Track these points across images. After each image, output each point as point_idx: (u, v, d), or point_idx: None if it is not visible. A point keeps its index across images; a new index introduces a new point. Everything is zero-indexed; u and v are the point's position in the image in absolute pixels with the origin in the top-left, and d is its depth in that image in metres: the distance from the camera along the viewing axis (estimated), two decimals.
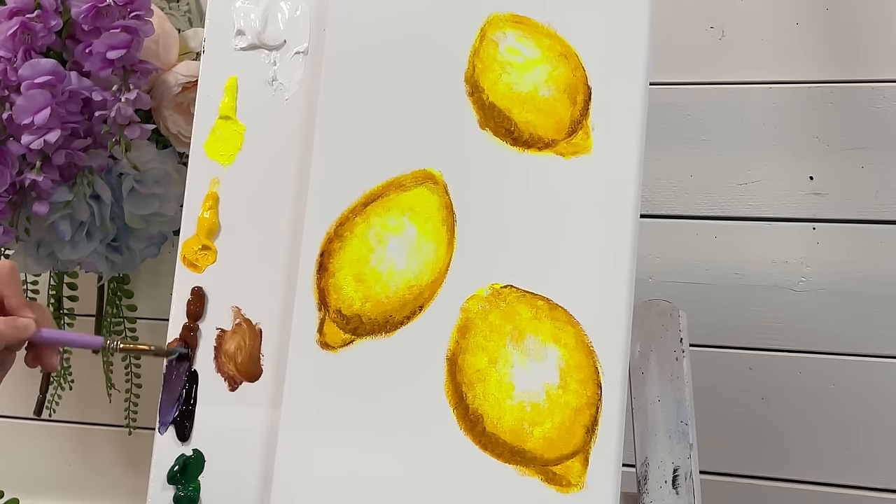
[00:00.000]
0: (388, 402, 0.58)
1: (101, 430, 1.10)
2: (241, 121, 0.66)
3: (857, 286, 0.87)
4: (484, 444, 0.56)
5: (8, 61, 0.71)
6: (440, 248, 0.59)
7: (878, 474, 0.89)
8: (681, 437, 0.64)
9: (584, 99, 0.57)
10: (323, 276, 0.61)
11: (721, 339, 0.90)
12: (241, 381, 0.64)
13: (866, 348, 0.87)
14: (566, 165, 0.57)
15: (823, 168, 0.87)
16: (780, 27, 0.87)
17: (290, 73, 0.66)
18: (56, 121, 0.71)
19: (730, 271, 0.90)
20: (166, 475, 0.65)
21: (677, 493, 0.63)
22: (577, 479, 0.54)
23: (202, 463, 0.64)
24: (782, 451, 0.91)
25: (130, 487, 1.11)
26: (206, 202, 0.67)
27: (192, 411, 0.65)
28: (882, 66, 0.85)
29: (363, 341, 0.59)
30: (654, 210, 0.91)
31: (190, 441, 0.65)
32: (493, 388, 0.56)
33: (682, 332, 0.66)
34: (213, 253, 0.66)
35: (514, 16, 0.59)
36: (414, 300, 0.59)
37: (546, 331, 0.56)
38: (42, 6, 0.71)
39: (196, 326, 0.66)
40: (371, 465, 0.58)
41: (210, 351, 0.66)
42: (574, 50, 0.58)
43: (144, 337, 0.97)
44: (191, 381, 0.66)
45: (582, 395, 0.55)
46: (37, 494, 1.11)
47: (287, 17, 0.67)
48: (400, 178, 0.60)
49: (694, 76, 0.89)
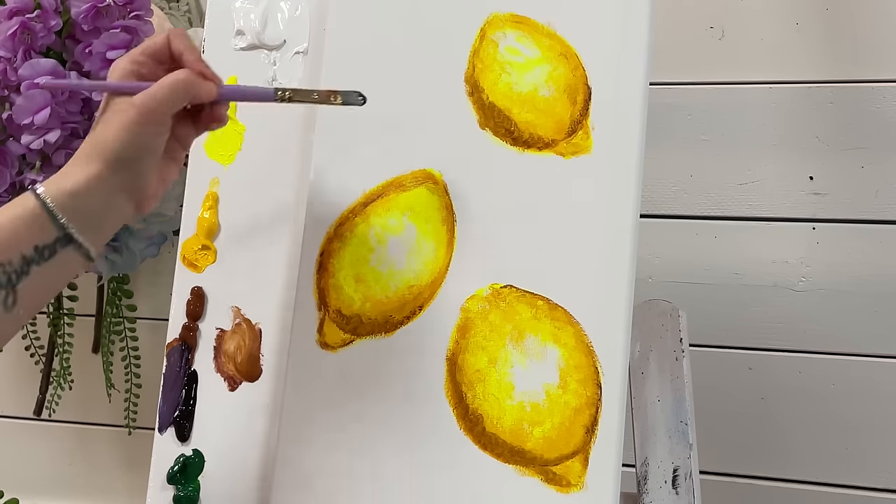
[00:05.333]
0: (387, 401, 0.58)
1: (100, 430, 1.10)
2: (241, 121, 0.66)
3: (857, 286, 0.87)
4: (484, 444, 0.56)
5: (8, 61, 0.71)
6: (440, 248, 0.59)
7: (877, 474, 0.89)
8: (681, 437, 0.64)
9: (584, 99, 0.57)
10: (323, 276, 0.61)
11: (721, 339, 0.90)
12: (240, 381, 0.64)
13: (866, 348, 0.87)
14: (566, 165, 0.57)
15: (823, 168, 0.87)
16: (780, 27, 0.87)
17: (290, 73, 0.66)
18: (56, 121, 0.71)
19: (730, 271, 0.90)
20: (166, 475, 0.65)
21: (677, 493, 0.64)
22: (577, 479, 0.54)
23: (202, 463, 0.64)
24: (782, 451, 0.91)
25: (130, 487, 1.11)
26: (206, 202, 0.67)
27: (192, 411, 0.65)
28: (882, 66, 0.85)
29: (363, 341, 0.59)
30: (654, 210, 0.91)
31: (190, 441, 0.65)
32: (493, 388, 0.56)
33: (682, 332, 0.66)
34: (213, 253, 0.67)
35: (514, 16, 0.59)
36: (414, 300, 0.59)
37: (546, 331, 0.56)
38: (42, 6, 0.71)
39: (196, 326, 0.66)
40: (371, 464, 0.58)
41: (210, 351, 0.66)
42: (574, 50, 0.58)
43: (144, 337, 0.97)
44: (191, 381, 0.66)
45: (582, 395, 0.55)
46: (37, 494, 1.11)
47: (287, 17, 0.67)
48: (400, 178, 0.60)
49: (694, 76, 0.89)
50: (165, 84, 0.51)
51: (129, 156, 0.50)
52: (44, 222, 0.48)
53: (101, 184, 0.50)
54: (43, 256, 0.48)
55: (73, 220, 0.49)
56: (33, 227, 0.48)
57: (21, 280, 0.47)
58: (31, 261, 0.48)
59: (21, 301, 0.48)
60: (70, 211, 0.49)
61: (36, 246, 0.48)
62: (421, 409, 0.57)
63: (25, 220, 0.48)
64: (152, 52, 0.52)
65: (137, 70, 0.52)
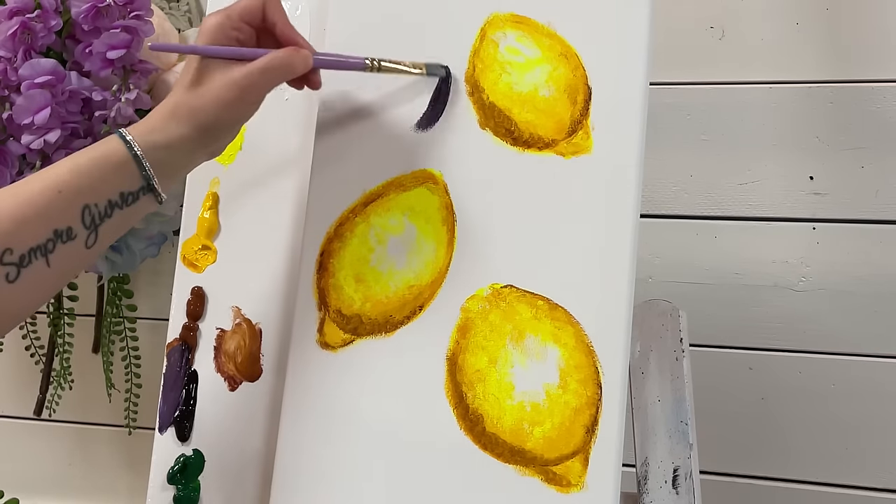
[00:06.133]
0: (387, 401, 0.58)
1: (101, 430, 1.10)
2: None
3: (857, 286, 0.87)
4: (484, 444, 0.56)
5: (8, 61, 0.71)
6: (440, 247, 0.59)
7: (877, 474, 0.89)
8: (681, 437, 0.64)
9: (584, 99, 0.57)
10: (323, 276, 0.61)
11: (721, 339, 0.90)
12: (241, 380, 0.64)
13: (866, 348, 0.87)
14: (566, 165, 0.57)
15: (823, 168, 0.87)
16: (780, 27, 0.87)
17: None
18: (56, 121, 0.71)
19: (730, 271, 0.90)
20: (166, 475, 0.65)
21: (677, 493, 0.64)
22: (577, 479, 0.54)
23: (202, 463, 0.65)
24: (782, 451, 0.91)
25: (130, 487, 1.11)
26: (206, 202, 0.67)
27: (192, 411, 0.65)
28: (882, 66, 0.85)
29: (363, 341, 0.59)
30: (654, 210, 0.91)
31: (190, 441, 0.65)
32: (493, 388, 0.56)
33: (682, 332, 0.66)
34: (213, 253, 0.66)
35: (515, 16, 0.59)
36: (414, 300, 0.59)
37: (546, 331, 0.56)
38: (42, 6, 0.71)
39: (196, 326, 0.66)
40: (371, 465, 0.58)
41: (210, 351, 0.66)
42: (574, 50, 0.58)
43: (144, 337, 0.97)
44: (191, 381, 0.66)
45: (582, 394, 0.55)
46: (37, 494, 1.11)
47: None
48: (400, 178, 0.60)
49: (694, 76, 0.89)
50: (267, 66, 0.53)
51: (222, 127, 0.54)
52: (132, 171, 0.51)
53: (189, 145, 0.53)
54: (126, 202, 0.51)
55: (156, 171, 0.52)
56: (121, 174, 0.51)
57: (104, 221, 0.51)
58: (114, 205, 0.51)
59: (100, 240, 0.51)
60: (156, 164, 0.52)
61: (121, 192, 0.51)
62: (421, 408, 0.57)
63: (114, 166, 0.51)
64: (249, 17, 0.54)
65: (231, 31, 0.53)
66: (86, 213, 0.50)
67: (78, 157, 0.50)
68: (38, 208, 0.48)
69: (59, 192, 0.49)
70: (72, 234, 0.49)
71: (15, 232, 0.47)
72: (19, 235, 0.48)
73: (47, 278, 0.49)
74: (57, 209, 0.49)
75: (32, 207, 0.48)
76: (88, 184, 0.50)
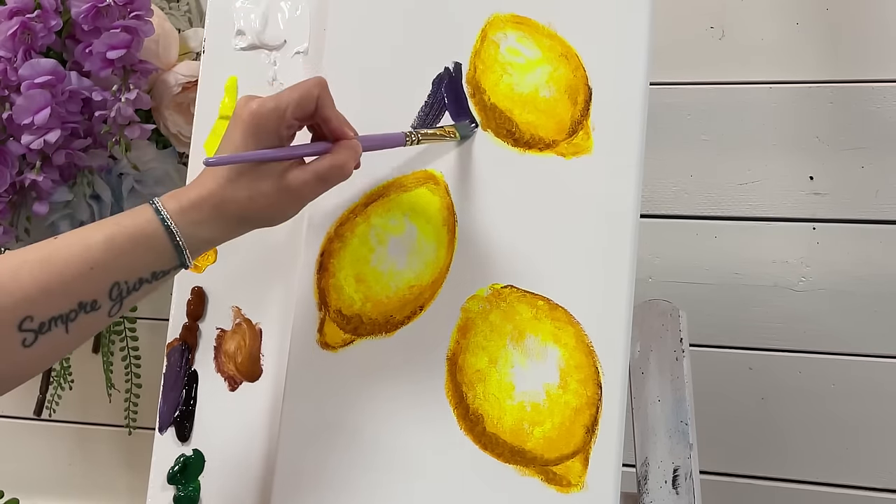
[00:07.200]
0: (388, 401, 0.58)
1: (101, 430, 1.10)
2: None
3: (857, 286, 0.87)
4: (484, 444, 0.56)
5: (8, 61, 0.71)
6: (441, 248, 0.59)
7: (877, 474, 0.89)
8: (681, 437, 0.64)
9: (584, 99, 0.57)
10: (323, 276, 0.61)
11: (721, 339, 0.90)
12: (241, 380, 0.64)
13: (866, 348, 0.87)
14: (567, 166, 0.57)
15: (823, 168, 0.87)
16: (780, 27, 0.87)
17: (291, 73, 0.66)
18: (56, 121, 0.71)
19: (730, 271, 0.90)
20: (166, 475, 0.65)
21: (677, 493, 0.64)
22: (577, 479, 0.54)
23: (202, 463, 0.64)
24: (781, 450, 0.91)
25: (130, 487, 1.11)
26: None
27: (192, 411, 0.65)
28: (882, 66, 0.85)
29: (363, 341, 0.59)
30: (654, 210, 0.91)
31: (190, 441, 0.65)
32: (494, 388, 0.56)
33: (682, 332, 0.66)
34: (213, 253, 0.66)
35: (515, 16, 0.59)
36: (414, 300, 0.59)
37: (546, 331, 0.56)
38: (42, 6, 0.71)
39: (196, 326, 0.66)
40: (371, 464, 0.58)
41: (210, 351, 0.66)
42: (574, 50, 0.58)
43: (144, 337, 0.97)
44: (191, 381, 0.66)
45: (582, 394, 0.55)
46: (37, 494, 1.11)
47: (287, 17, 0.67)
48: (401, 179, 0.60)
49: (694, 76, 0.89)
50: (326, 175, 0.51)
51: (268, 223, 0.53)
52: (170, 255, 0.50)
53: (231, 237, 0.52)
54: (156, 278, 0.50)
55: (192, 254, 0.50)
56: (159, 256, 0.49)
57: (131, 294, 0.49)
58: (144, 281, 0.49)
59: (123, 308, 0.50)
60: (194, 250, 0.50)
61: (154, 272, 0.50)
62: (421, 408, 0.57)
63: (152, 249, 0.49)
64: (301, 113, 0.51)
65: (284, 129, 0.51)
66: (114, 289, 0.48)
67: (114, 230, 0.48)
68: (67, 281, 0.47)
69: (90, 269, 0.47)
70: (96, 306, 0.48)
71: (39, 301, 0.46)
72: (43, 305, 0.46)
73: (64, 343, 0.48)
74: (86, 284, 0.47)
75: (61, 279, 0.47)
76: (123, 263, 0.48)
